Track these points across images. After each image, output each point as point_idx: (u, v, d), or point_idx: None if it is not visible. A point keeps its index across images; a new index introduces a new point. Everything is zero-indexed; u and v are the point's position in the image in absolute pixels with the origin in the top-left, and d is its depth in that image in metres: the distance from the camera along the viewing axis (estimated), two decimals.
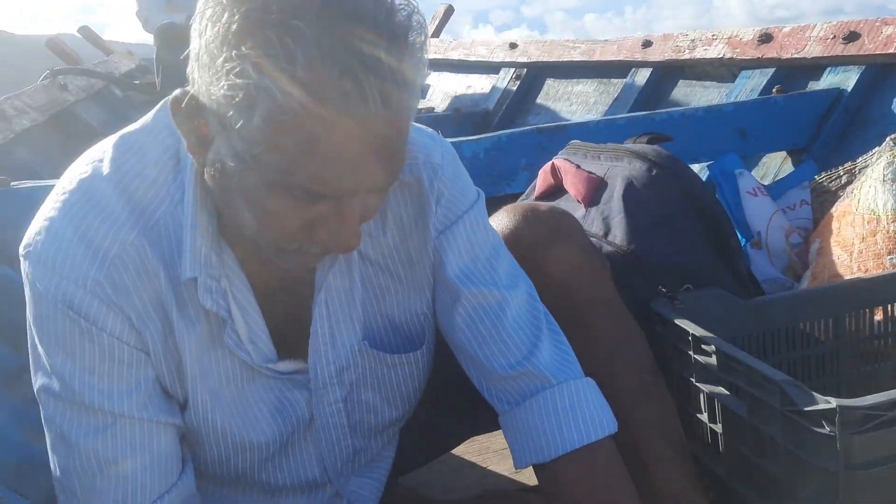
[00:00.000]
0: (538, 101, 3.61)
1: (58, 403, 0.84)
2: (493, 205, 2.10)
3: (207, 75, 0.68)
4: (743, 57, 2.49)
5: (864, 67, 2.12)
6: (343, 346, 0.94)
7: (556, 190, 1.43)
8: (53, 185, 1.64)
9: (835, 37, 2.20)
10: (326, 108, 0.65)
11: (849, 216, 1.63)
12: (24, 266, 0.83)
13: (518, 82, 3.70)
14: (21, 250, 0.83)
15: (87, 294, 0.80)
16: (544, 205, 1.13)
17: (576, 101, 3.36)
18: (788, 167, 2.16)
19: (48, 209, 0.83)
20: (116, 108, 3.93)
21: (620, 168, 1.28)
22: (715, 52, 2.61)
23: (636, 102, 2.90)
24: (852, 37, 2.15)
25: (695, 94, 2.77)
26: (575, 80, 3.43)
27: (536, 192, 1.48)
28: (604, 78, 3.23)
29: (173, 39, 3.96)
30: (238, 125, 0.68)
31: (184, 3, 4.20)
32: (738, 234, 1.79)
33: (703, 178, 2.11)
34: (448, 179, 0.93)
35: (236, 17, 0.65)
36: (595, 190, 1.30)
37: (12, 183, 1.68)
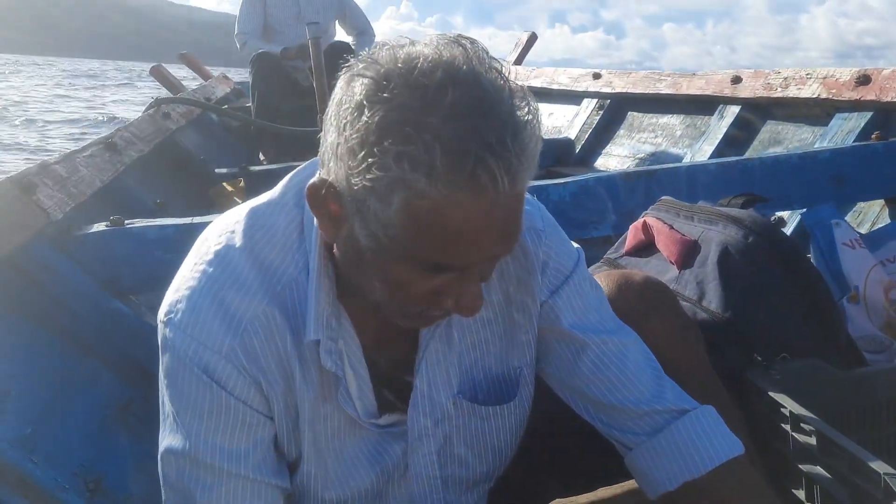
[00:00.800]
0: (621, 132, 3.60)
1: (179, 460, 0.91)
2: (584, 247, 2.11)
3: (347, 167, 0.75)
4: (839, 98, 2.43)
5: None
6: (440, 399, 0.99)
7: (646, 247, 1.44)
8: (161, 225, 1.77)
9: None
10: (459, 194, 0.72)
11: None
12: (165, 331, 0.91)
13: (601, 112, 3.70)
14: (162, 316, 0.91)
15: (222, 360, 0.88)
16: (639, 274, 1.15)
17: (661, 134, 3.33)
18: (886, 217, 2.10)
19: (188, 278, 0.91)
20: (212, 133, 4.12)
21: (715, 232, 1.29)
22: (809, 91, 2.56)
23: (724, 139, 2.87)
24: None
25: (786, 134, 2.72)
26: (660, 112, 3.40)
27: (626, 247, 1.49)
28: (690, 112, 3.20)
29: (267, 69, 4.13)
30: (375, 211, 0.75)
31: (280, 31, 4.37)
32: (834, 289, 1.76)
33: (797, 226, 2.08)
34: (551, 243, 0.98)
35: (376, 117, 0.72)
36: (689, 253, 1.30)
37: (126, 222, 1.80)
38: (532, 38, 4.92)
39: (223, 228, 0.94)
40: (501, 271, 0.98)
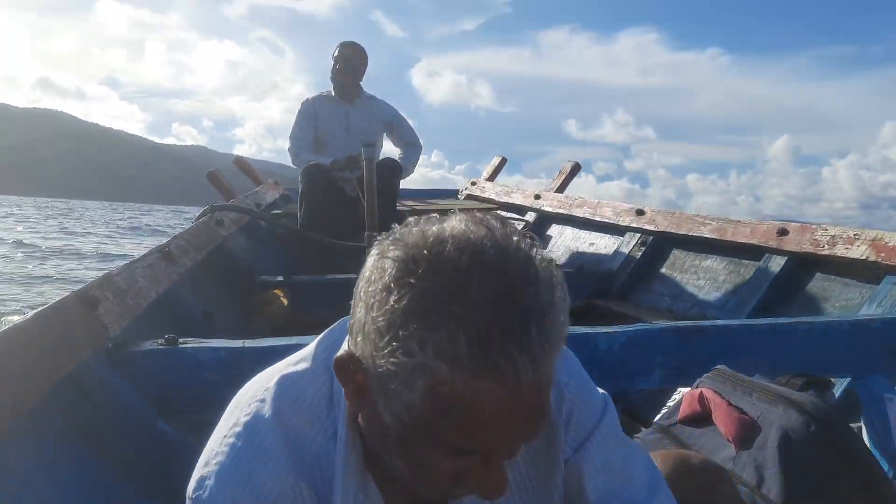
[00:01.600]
0: (664, 269, 3.62)
1: None
2: (627, 398, 2.06)
3: (373, 346, 0.77)
4: (889, 263, 2.43)
5: None
6: None
7: (701, 418, 1.43)
8: (213, 347, 1.79)
9: None
10: (482, 382, 0.72)
11: None
12: None
13: (643, 248, 3.73)
14: (191, 493, 0.91)
15: None
16: (697, 458, 1.14)
17: (704, 277, 3.34)
18: None
19: (217, 452, 0.92)
20: (261, 239, 4.23)
21: (776, 415, 1.27)
22: (857, 252, 2.57)
23: (769, 290, 2.87)
24: None
25: (833, 291, 2.71)
26: (704, 254, 3.43)
27: (681, 415, 1.48)
28: (735, 258, 3.22)
29: (316, 179, 4.28)
30: (399, 393, 0.76)
31: (330, 143, 4.54)
32: (887, 464, 1.71)
33: (845, 393, 2.04)
34: (576, 396, 0.97)
35: (402, 302, 0.74)
36: (748, 433, 1.29)
37: (179, 341, 1.84)
38: (576, 168, 5.04)
39: (253, 396, 0.95)
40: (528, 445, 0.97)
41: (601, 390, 1.03)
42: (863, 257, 2.54)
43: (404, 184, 4.76)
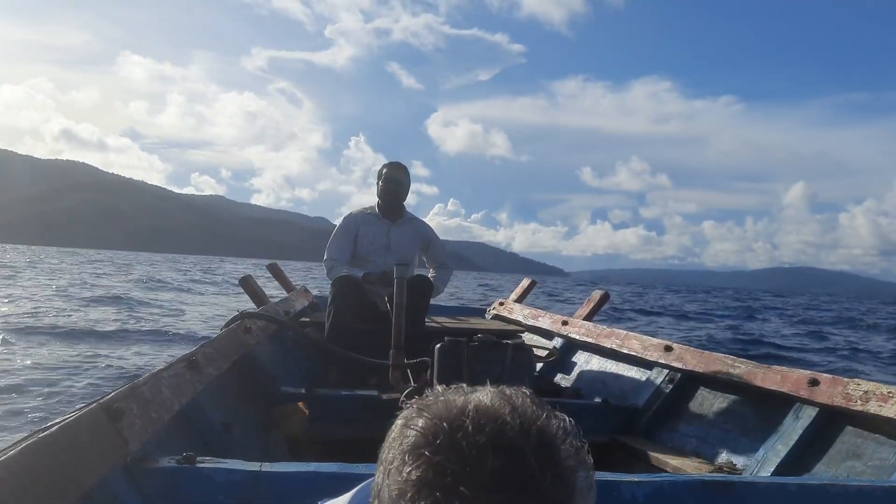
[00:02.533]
0: (690, 408, 3.54)
1: None
2: None
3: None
4: None
5: None
6: None
7: None
8: (229, 469, 1.78)
9: None
10: None
11: None
12: None
13: (671, 385, 3.67)
14: None
15: None
16: None
17: (732, 421, 3.26)
18: None
19: None
20: (286, 348, 4.25)
21: None
22: (891, 411, 2.51)
23: (799, 442, 2.78)
24: None
25: (866, 449, 2.62)
26: (732, 396, 3.36)
27: None
28: (764, 404, 3.15)
29: (346, 290, 4.34)
30: None
31: (368, 259, 4.63)
32: None
33: None
34: None
35: (414, 474, 0.73)
36: None
37: (197, 459, 1.83)
38: (604, 298, 5.04)
39: None
40: None
41: None
42: None
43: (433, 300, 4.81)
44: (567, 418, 0.79)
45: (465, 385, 0.81)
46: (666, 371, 3.76)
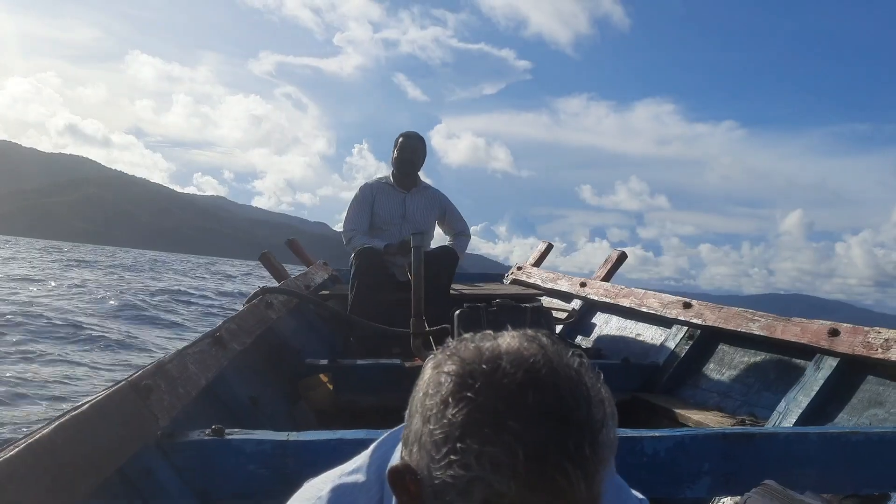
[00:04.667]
0: (711, 364, 3.55)
1: None
2: None
3: (429, 458, 0.79)
4: None
5: None
6: None
7: None
8: (259, 440, 1.82)
9: None
10: (538, 495, 0.74)
11: None
12: None
13: (691, 342, 3.68)
14: None
15: None
16: None
17: (753, 375, 3.27)
18: None
19: None
20: (308, 321, 4.31)
21: None
22: None
23: (821, 392, 2.79)
24: None
25: (889, 396, 2.62)
26: (753, 351, 3.36)
27: None
28: (784, 356, 3.15)
29: (368, 263, 4.36)
30: (454, 502, 0.77)
31: (385, 229, 4.65)
32: None
33: None
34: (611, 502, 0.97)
35: (459, 416, 0.77)
36: None
37: (226, 432, 1.87)
38: (622, 257, 5.03)
39: (310, 497, 0.98)
40: None
41: (639, 495, 1.04)
42: None
43: None
44: (584, 354, 0.83)
45: (490, 332, 0.84)
46: (685, 328, 3.76)
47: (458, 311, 3.55)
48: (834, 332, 2.87)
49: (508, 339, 0.82)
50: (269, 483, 1.82)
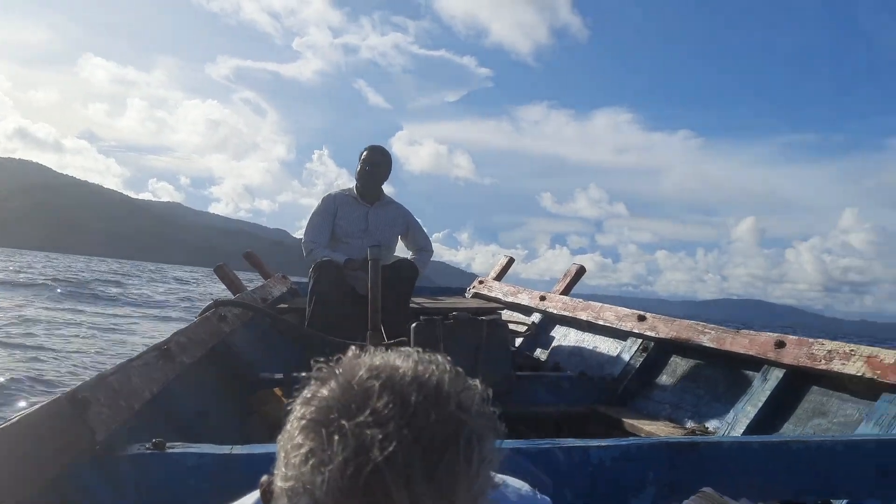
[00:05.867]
0: (664, 376, 3.60)
1: None
2: None
3: (281, 460, 0.76)
4: (885, 381, 2.42)
5: None
6: None
7: None
8: (200, 453, 1.79)
9: None
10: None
11: None
12: None
13: (645, 354, 3.73)
14: None
15: None
16: None
17: (703, 386, 3.32)
18: None
19: None
20: (264, 335, 4.26)
21: None
22: (853, 368, 2.56)
23: (767, 403, 2.84)
24: None
25: (831, 407, 2.68)
26: (703, 362, 3.41)
27: None
28: (734, 367, 3.20)
29: (328, 276, 4.33)
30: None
31: (346, 242, 4.62)
32: None
33: None
34: None
35: (302, 420, 0.74)
36: None
37: (167, 445, 1.84)
38: (581, 271, 5.08)
39: None
40: None
41: None
42: (858, 374, 2.53)
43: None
44: (480, 385, 0.78)
45: (382, 349, 0.81)
46: (640, 340, 3.81)
47: (414, 325, 3.54)
48: (780, 344, 2.93)
49: (395, 356, 0.78)
50: (211, 498, 1.79)
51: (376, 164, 4.71)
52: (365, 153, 4.74)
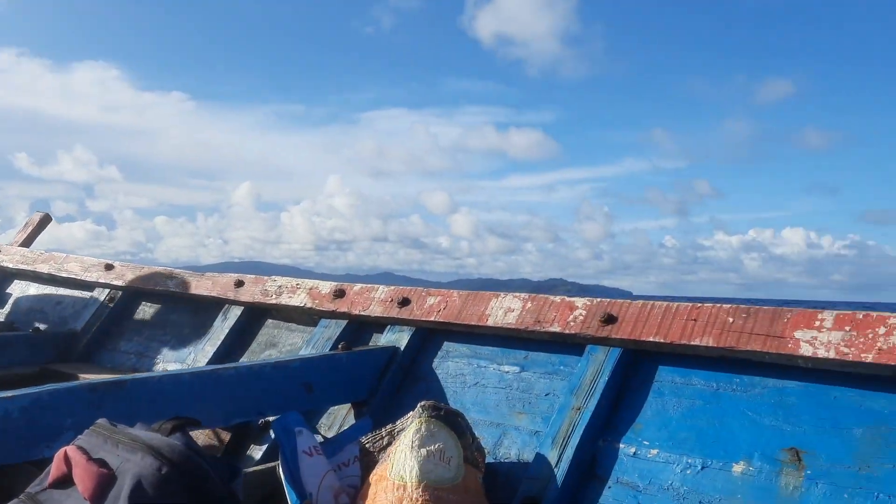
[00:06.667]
0: (132, 327, 3.43)
1: None
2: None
3: None
4: (321, 308, 2.67)
5: (413, 329, 2.42)
6: None
7: (66, 479, 1.30)
8: None
9: (392, 300, 2.50)
10: None
11: (384, 481, 1.74)
12: None
13: (111, 305, 3.50)
14: None
15: None
16: None
17: (170, 331, 3.25)
18: (352, 419, 2.29)
19: None
20: None
21: (133, 463, 1.22)
22: (298, 300, 2.77)
23: (227, 340, 2.92)
24: (405, 302, 2.45)
25: (281, 336, 2.87)
26: (171, 307, 3.35)
27: (49, 480, 1.33)
28: (199, 311, 3.21)
29: None
30: None
31: None
32: (294, 497, 1.81)
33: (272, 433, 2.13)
34: None
35: None
36: (103, 487, 1.20)
37: None
38: (45, 220, 4.54)
39: None
40: None
41: None
42: (302, 304, 2.75)
43: None
44: None
45: None
46: (107, 291, 3.56)
47: None
48: (239, 284, 3.03)
49: None
50: None
51: None
52: None
